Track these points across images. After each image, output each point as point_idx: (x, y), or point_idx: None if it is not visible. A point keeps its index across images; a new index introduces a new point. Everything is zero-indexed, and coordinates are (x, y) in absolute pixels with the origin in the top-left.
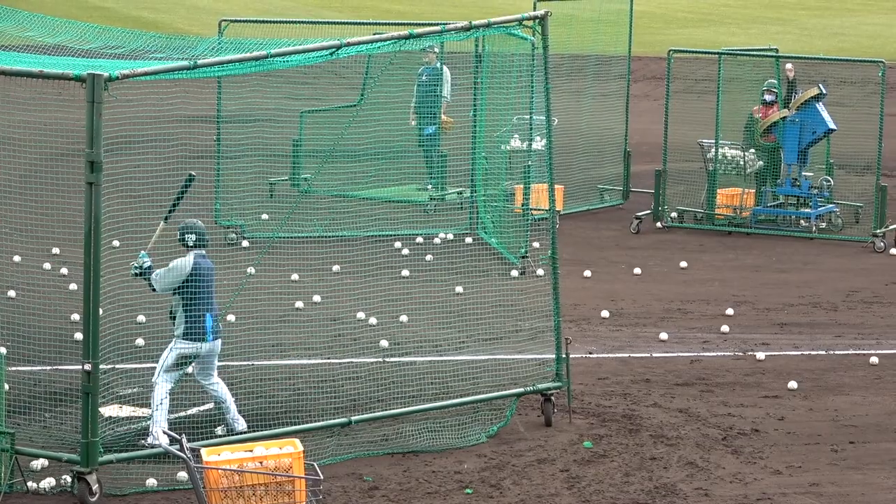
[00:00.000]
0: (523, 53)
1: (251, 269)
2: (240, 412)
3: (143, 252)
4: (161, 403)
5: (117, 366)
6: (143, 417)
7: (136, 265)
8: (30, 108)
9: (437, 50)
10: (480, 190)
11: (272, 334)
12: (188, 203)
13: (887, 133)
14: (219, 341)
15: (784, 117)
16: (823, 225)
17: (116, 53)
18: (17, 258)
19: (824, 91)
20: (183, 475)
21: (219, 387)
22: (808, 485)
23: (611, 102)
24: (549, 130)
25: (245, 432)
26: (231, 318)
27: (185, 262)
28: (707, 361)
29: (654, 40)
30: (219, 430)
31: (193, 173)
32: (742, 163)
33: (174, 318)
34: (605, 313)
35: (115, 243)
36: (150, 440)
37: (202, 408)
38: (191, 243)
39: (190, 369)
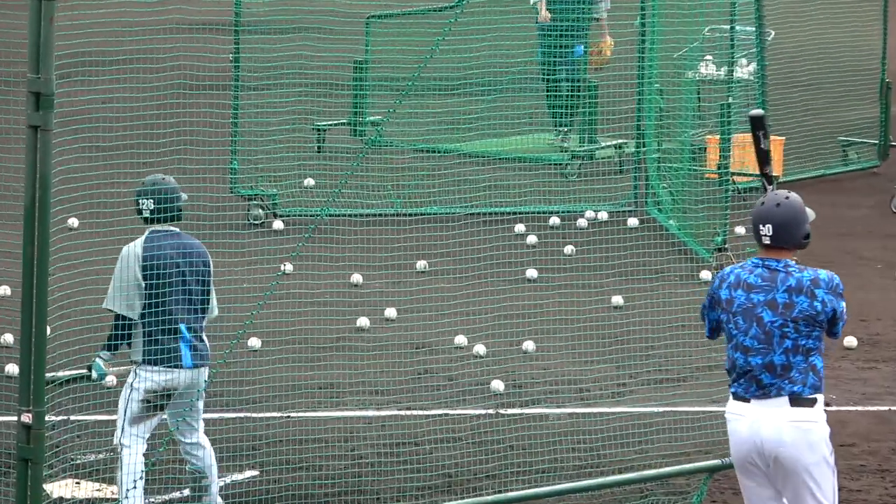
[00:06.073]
0: None
1: (287, 266)
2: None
3: None
4: (135, 483)
5: (73, 417)
6: (114, 500)
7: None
8: None
9: None
10: (651, 143)
11: (319, 369)
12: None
13: None
14: (204, 369)
15: None
16: None
17: None
18: None
19: None
20: None
21: (203, 452)
22: None
23: (859, 7)
24: (761, 49)
25: None
26: (254, 342)
27: (129, 248)
28: None
29: None
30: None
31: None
32: None
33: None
34: (850, 340)
35: (73, 223)
36: None
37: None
38: (146, 213)
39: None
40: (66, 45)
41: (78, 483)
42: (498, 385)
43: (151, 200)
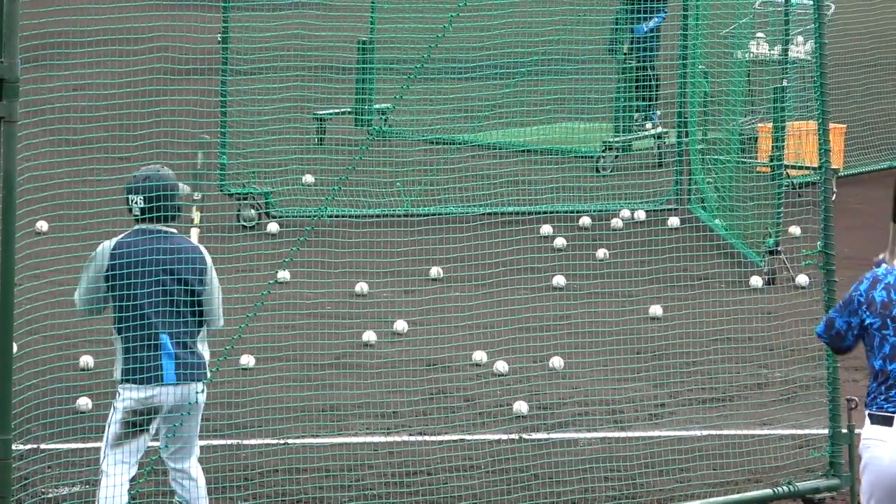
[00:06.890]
0: None
1: (283, 274)
2: None
3: None
4: None
5: (44, 445)
6: None
7: None
8: None
9: None
10: (695, 133)
11: (319, 389)
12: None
13: None
14: (194, 385)
15: None
16: None
17: None
18: None
19: None
20: None
21: (191, 483)
22: None
23: None
24: (820, 24)
25: None
26: (246, 359)
27: (103, 246)
28: None
29: None
30: None
31: None
32: None
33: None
34: None
35: (41, 226)
36: None
37: None
38: (137, 213)
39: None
40: (32, 24)
41: None
42: (521, 407)
43: (141, 197)
